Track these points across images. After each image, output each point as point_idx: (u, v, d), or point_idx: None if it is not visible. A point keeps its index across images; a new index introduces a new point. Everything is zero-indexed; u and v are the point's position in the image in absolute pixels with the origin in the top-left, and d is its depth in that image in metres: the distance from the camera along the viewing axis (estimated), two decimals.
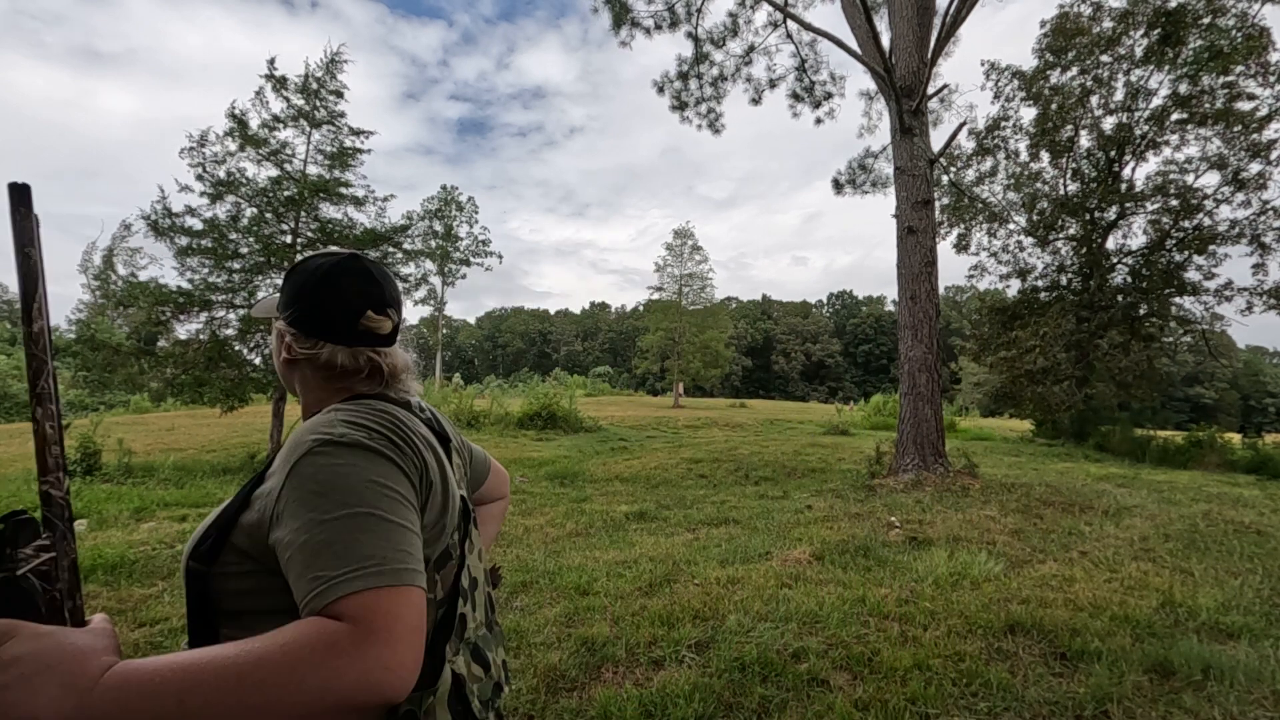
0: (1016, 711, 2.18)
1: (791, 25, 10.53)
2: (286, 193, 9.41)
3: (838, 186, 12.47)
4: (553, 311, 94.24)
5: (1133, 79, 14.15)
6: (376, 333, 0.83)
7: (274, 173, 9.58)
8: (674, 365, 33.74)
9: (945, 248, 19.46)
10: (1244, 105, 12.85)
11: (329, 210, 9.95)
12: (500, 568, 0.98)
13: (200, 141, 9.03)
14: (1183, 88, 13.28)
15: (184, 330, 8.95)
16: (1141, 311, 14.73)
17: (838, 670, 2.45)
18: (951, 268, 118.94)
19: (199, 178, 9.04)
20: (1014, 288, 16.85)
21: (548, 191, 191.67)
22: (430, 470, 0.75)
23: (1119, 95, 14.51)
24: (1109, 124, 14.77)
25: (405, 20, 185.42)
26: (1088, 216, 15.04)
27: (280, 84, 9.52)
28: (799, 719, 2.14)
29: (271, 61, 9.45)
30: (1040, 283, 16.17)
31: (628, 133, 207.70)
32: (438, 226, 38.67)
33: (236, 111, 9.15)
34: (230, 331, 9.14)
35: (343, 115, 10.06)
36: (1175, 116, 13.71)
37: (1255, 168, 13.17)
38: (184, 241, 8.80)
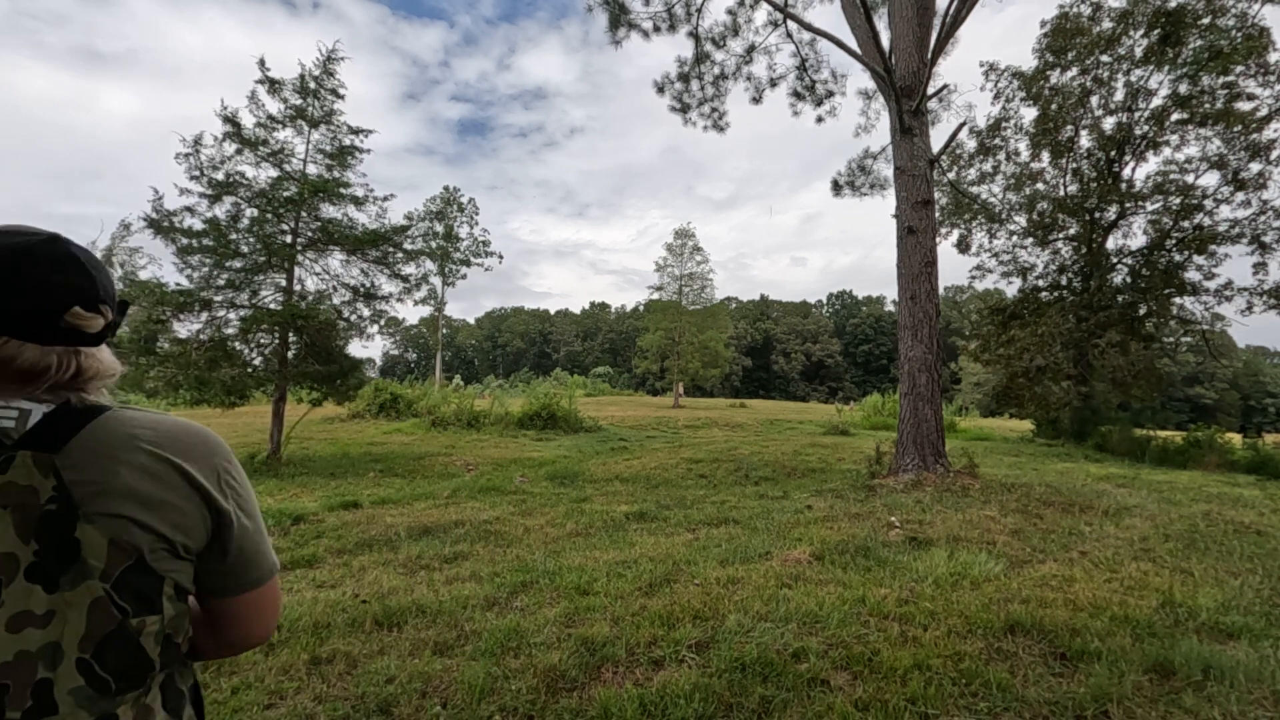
0: (1016, 711, 2.18)
1: (792, 25, 10.53)
2: (286, 193, 9.40)
3: (836, 188, 12.46)
4: (553, 311, 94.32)
5: (1133, 79, 14.16)
6: (84, 330, 0.75)
7: (274, 173, 9.58)
8: (674, 365, 33.74)
9: (945, 248, 19.49)
10: (1244, 105, 12.85)
11: (329, 210, 9.96)
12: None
13: (195, 146, 9.02)
14: (1183, 88, 13.28)
15: (184, 329, 8.95)
16: (1141, 312, 14.73)
17: (838, 670, 2.45)
18: (951, 268, 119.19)
19: (194, 178, 9.04)
20: (1014, 288, 16.88)
21: (548, 192, 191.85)
22: None
23: (1119, 95, 14.52)
24: (1109, 124, 14.79)
25: (406, 21, 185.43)
26: (1088, 216, 15.04)
27: (274, 85, 9.51)
28: (799, 719, 2.14)
29: (262, 61, 9.41)
30: (1041, 282, 16.18)
31: (628, 133, 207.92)
32: (438, 227, 38.69)
33: (227, 112, 9.13)
34: (231, 331, 9.15)
35: (341, 114, 10.06)
36: (1175, 116, 13.71)
37: (1255, 167, 13.17)
38: (185, 242, 8.80)
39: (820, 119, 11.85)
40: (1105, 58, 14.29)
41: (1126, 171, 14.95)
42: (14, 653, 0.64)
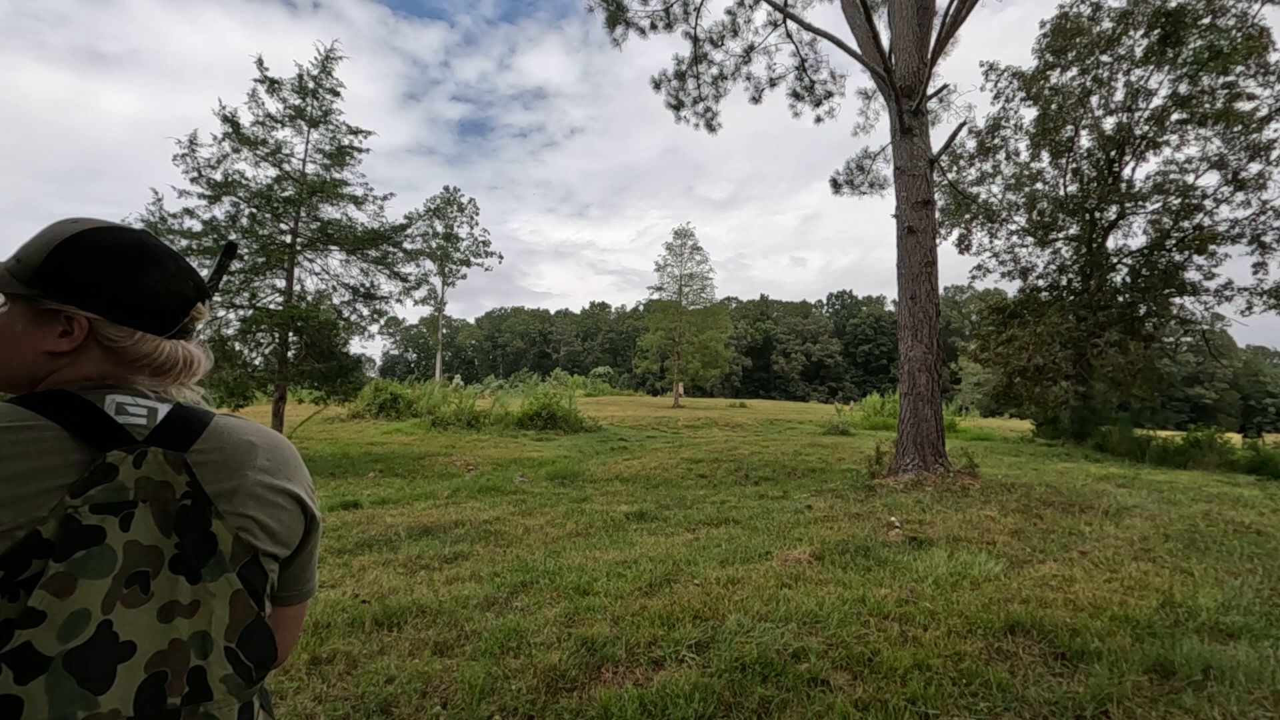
0: (1016, 711, 2.18)
1: (791, 25, 10.52)
2: (285, 193, 9.41)
3: (836, 186, 12.47)
4: (553, 311, 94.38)
5: (1133, 79, 14.16)
6: (194, 325, 0.80)
7: (273, 173, 9.58)
8: (674, 365, 33.76)
9: (945, 248, 19.50)
10: (1244, 105, 12.85)
11: (328, 210, 9.96)
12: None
13: (191, 146, 9.02)
14: (1183, 88, 13.29)
15: None
16: (1141, 311, 14.73)
17: (838, 670, 2.45)
18: (951, 268, 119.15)
19: (193, 180, 9.04)
20: (1015, 287, 16.89)
21: (548, 192, 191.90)
22: None
23: (1119, 95, 14.52)
24: (1109, 124, 14.79)
25: (407, 21, 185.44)
26: (1088, 216, 15.05)
27: (272, 85, 9.51)
28: (799, 719, 2.14)
29: (260, 61, 9.42)
30: (1041, 282, 16.18)
31: (628, 134, 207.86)
32: (438, 227, 38.66)
33: (226, 112, 9.14)
34: (231, 331, 9.15)
35: (340, 113, 10.06)
36: (1175, 116, 13.71)
37: (1255, 168, 13.17)
38: (184, 243, 8.80)
39: (819, 119, 11.86)
40: (1105, 58, 14.30)
41: (1126, 171, 14.96)
42: (168, 640, 0.66)
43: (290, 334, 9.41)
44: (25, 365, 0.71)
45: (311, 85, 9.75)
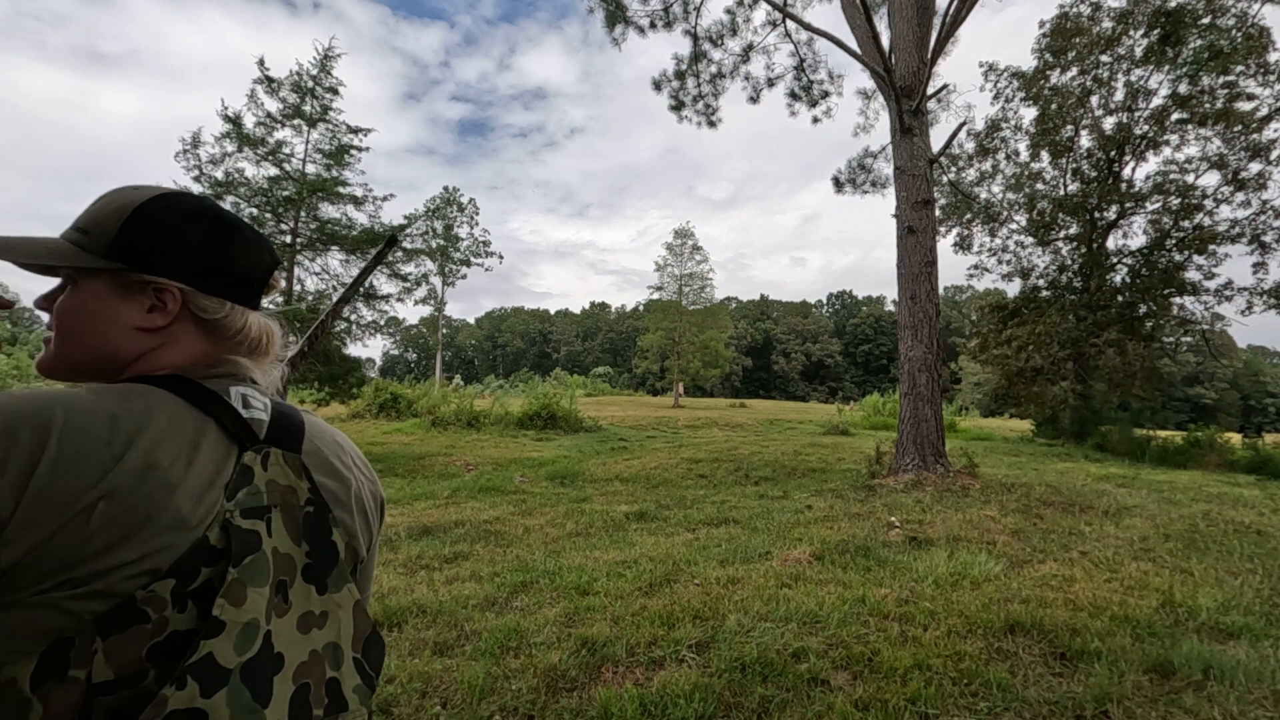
0: (1016, 711, 2.18)
1: (790, 24, 10.53)
2: (285, 192, 9.41)
3: (838, 185, 12.48)
4: (553, 311, 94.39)
5: (1133, 79, 14.16)
6: (269, 295, 0.75)
7: (273, 172, 9.58)
8: (674, 365, 33.76)
9: (945, 248, 19.51)
10: (1244, 105, 12.85)
11: (328, 210, 9.96)
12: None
13: (193, 144, 9.03)
14: (1183, 88, 13.29)
15: None
16: (1141, 311, 14.73)
17: (838, 670, 2.45)
18: (951, 268, 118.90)
19: (195, 179, 9.04)
20: (1014, 287, 16.89)
21: (548, 192, 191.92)
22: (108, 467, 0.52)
23: (1119, 95, 14.52)
24: (1109, 124, 14.79)
25: (407, 21, 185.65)
26: (1088, 216, 15.05)
27: (272, 84, 9.52)
28: (799, 719, 2.14)
29: (261, 61, 9.43)
30: (1041, 282, 16.18)
31: (628, 134, 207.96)
32: (438, 226, 38.71)
33: (229, 112, 9.16)
34: None
35: (339, 112, 10.07)
36: (1175, 116, 13.72)
37: (1255, 167, 13.17)
38: None
39: (816, 119, 11.87)
40: (1105, 58, 14.30)
41: (1126, 171, 14.97)
42: (308, 652, 0.63)
43: (290, 334, 9.41)
44: (115, 346, 0.64)
45: (310, 84, 9.75)
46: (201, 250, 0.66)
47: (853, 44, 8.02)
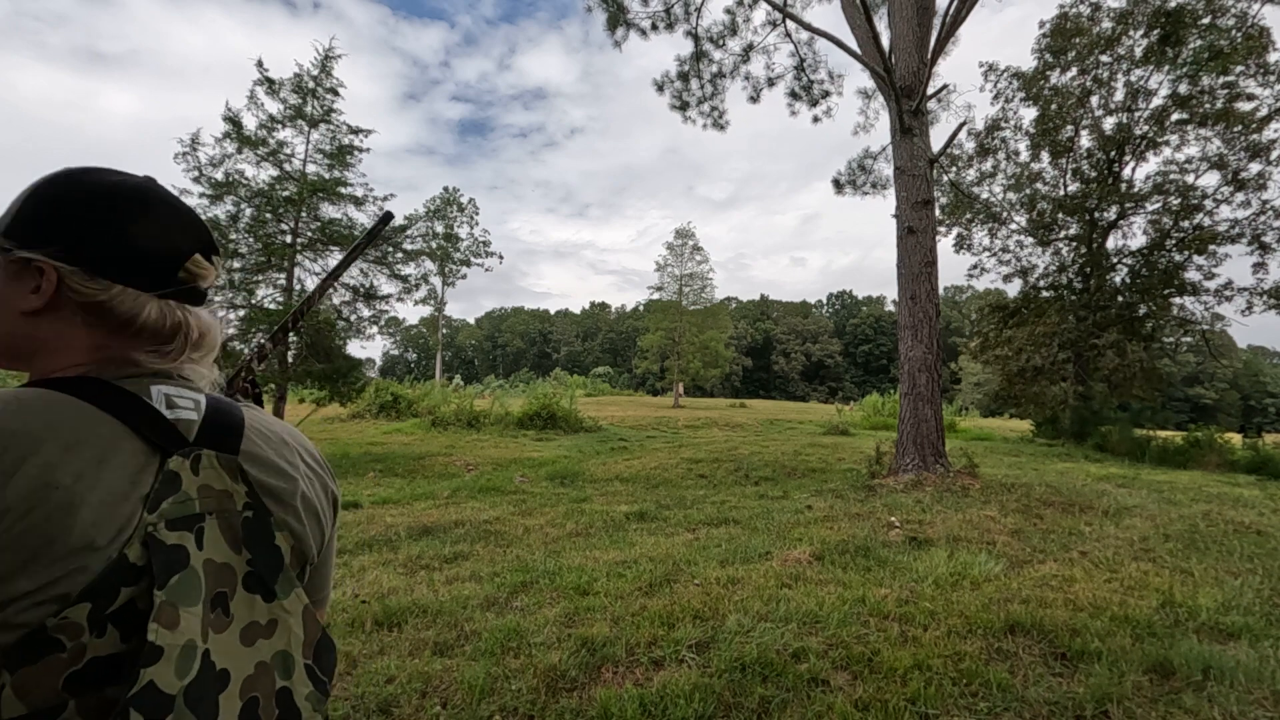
0: (1016, 711, 2.18)
1: (790, 24, 10.53)
2: (285, 192, 9.42)
3: (838, 186, 12.49)
4: (553, 311, 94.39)
5: (1133, 79, 14.17)
6: (195, 286, 0.66)
7: (273, 173, 9.59)
8: (674, 365, 33.76)
9: (945, 248, 19.49)
10: (1244, 105, 12.86)
11: (329, 210, 9.97)
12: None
13: (192, 145, 9.03)
14: (1183, 88, 13.29)
15: None
16: (1141, 312, 14.73)
17: (838, 670, 2.45)
18: (951, 268, 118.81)
19: (195, 180, 9.05)
20: (1014, 288, 16.89)
21: (548, 192, 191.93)
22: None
23: (1119, 95, 14.53)
24: (1109, 124, 14.80)
25: (407, 21, 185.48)
26: (1088, 216, 15.05)
27: (272, 85, 9.52)
28: (799, 719, 2.14)
29: (260, 62, 9.43)
30: (1041, 282, 16.18)
31: (628, 134, 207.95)
32: (438, 227, 38.74)
33: (231, 113, 9.16)
34: (231, 331, 9.15)
35: (340, 113, 10.07)
36: (1175, 116, 13.72)
37: (1255, 168, 13.18)
38: None
39: (816, 119, 11.87)
40: (1105, 58, 14.30)
41: (1126, 171, 14.97)
42: (254, 664, 0.60)
43: (290, 334, 9.42)
44: (9, 331, 0.60)
45: (311, 85, 9.76)
46: (86, 224, 0.60)
47: (853, 44, 8.02)
